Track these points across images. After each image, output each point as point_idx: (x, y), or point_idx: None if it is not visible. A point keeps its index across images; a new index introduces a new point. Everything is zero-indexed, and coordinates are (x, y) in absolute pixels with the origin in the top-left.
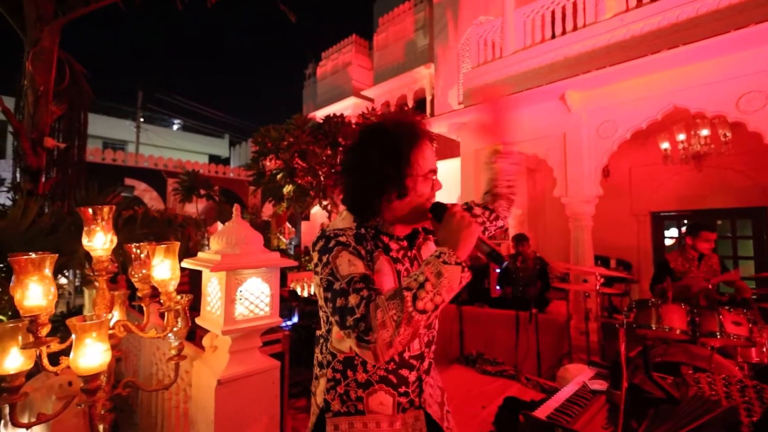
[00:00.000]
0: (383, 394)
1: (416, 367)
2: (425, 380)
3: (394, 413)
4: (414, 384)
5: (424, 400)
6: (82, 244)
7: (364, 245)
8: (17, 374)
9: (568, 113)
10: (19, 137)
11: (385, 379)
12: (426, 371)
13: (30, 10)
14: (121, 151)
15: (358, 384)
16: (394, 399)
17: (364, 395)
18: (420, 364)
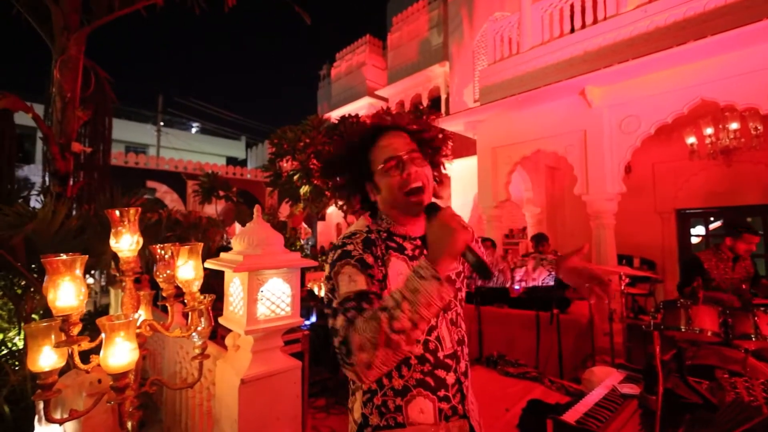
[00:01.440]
0: (422, 399)
1: (452, 367)
2: (465, 384)
3: (437, 422)
4: (454, 387)
5: (469, 409)
6: (110, 245)
7: (374, 248)
8: (51, 371)
9: (588, 109)
10: (48, 142)
11: (423, 382)
12: (464, 374)
13: (57, 19)
14: (143, 154)
15: (395, 392)
16: (434, 405)
17: (402, 404)
18: (456, 364)
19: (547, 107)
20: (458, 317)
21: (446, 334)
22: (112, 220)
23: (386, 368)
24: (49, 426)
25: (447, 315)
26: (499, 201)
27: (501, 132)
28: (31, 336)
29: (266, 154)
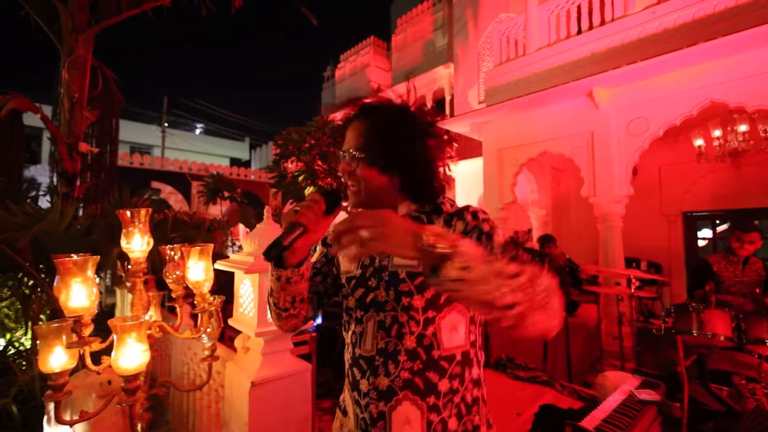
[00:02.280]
0: (347, 389)
1: (366, 373)
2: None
3: (354, 421)
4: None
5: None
6: (121, 245)
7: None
8: (62, 372)
9: (595, 110)
10: (56, 143)
11: (348, 372)
12: (382, 395)
13: (66, 20)
14: (148, 155)
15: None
16: (353, 401)
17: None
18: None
19: (554, 109)
20: (396, 326)
21: (370, 333)
22: (123, 220)
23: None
24: (59, 427)
25: (378, 315)
26: (505, 203)
27: (507, 133)
28: (42, 337)
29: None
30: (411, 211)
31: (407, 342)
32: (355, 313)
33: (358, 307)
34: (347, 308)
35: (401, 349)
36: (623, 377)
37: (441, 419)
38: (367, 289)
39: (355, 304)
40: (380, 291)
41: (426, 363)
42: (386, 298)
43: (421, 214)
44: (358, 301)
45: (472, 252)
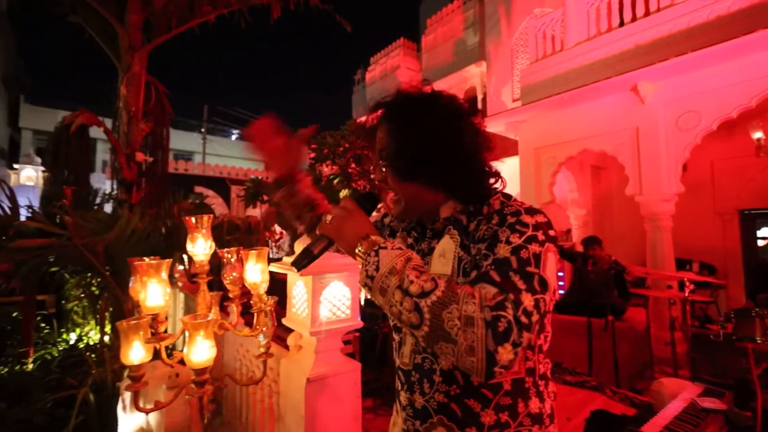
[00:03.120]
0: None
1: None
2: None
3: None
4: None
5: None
6: (177, 248)
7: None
8: (140, 365)
9: (641, 105)
10: (116, 153)
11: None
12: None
13: (123, 39)
14: (190, 161)
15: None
16: (400, 406)
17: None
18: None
19: (595, 105)
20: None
21: (408, 344)
22: (189, 226)
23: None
24: (134, 414)
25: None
26: (543, 203)
27: (544, 132)
28: (123, 332)
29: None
30: (455, 212)
31: (443, 362)
32: (392, 320)
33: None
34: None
35: (436, 369)
36: (681, 384)
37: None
38: None
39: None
40: None
41: (464, 389)
42: None
43: (462, 215)
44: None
45: (385, 262)
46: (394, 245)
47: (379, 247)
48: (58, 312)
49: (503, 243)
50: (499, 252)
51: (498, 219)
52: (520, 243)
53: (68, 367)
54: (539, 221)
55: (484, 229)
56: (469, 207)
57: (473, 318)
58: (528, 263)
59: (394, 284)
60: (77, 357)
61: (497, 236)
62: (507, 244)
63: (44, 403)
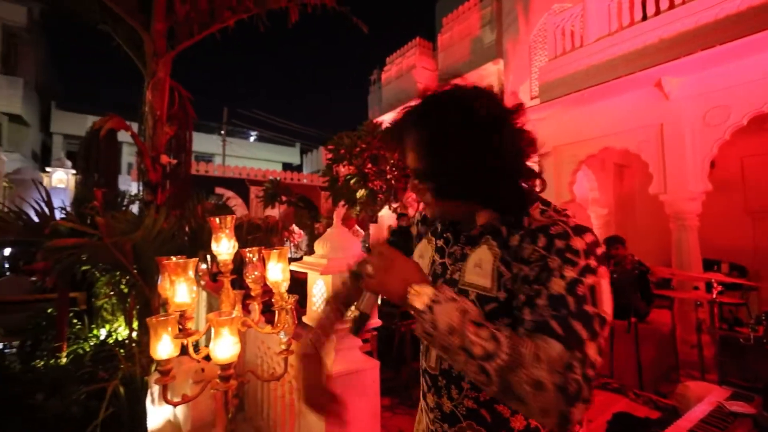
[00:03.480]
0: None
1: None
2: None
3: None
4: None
5: None
6: (196, 247)
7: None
8: (168, 359)
9: (665, 101)
10: (142, 156)
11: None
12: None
13: (148, 46)
14: (211, 163)
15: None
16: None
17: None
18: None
19: (617, 101)
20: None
21: (434, 351)
22: (213, 227)
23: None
24: (162, 407)
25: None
26: (563, 202)
27: (563, 130)
28: (152, 328)
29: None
30: (492, 220)
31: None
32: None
33: None
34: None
35: (464, 377)
36: (708, 388)
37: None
38: None
39: None
40: None
41: (486, 398)
42: None
43: (502, 226)
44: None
45: (441, 321)
46: (446, 294)
47: (433, 301)
48: (88, 309)
49: (557, 277)
50: (553, 288)
51: (545, 241)
52: (575, 277)
53: (99, 361)
54: (588, 243)
55: (529, 250)
56: (508, 217)
57: (544, 383)
58: (585, 301)
59: (456, 344)
60: (107, 352)
61: (547, 266)
62: (561, 279)
63: (78, 396)
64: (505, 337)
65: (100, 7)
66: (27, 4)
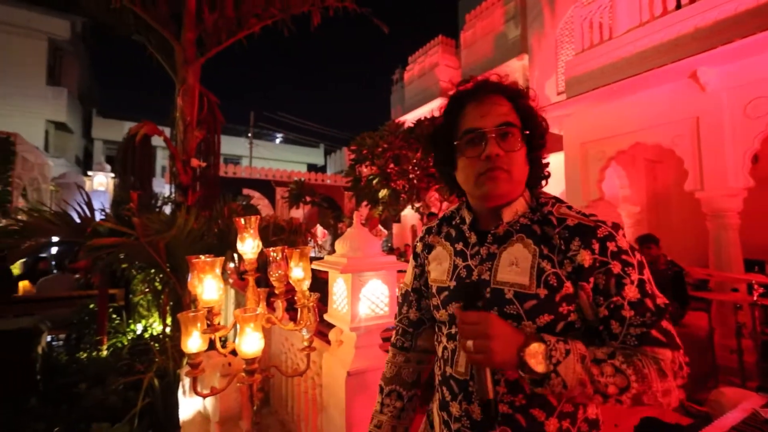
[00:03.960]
0: (435, 405)
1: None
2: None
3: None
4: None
5: None
6: (229, 247)
7: (431, 236)
8: (198, 353)
9: (701, 93)
10: (174, 160)
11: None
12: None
13: (179, 54)
14: (238, 165)
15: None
16: (440, 420)
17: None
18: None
19: (648, 95)
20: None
21: (463, 356)
22: (238, 227)
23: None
24: (193, 398)
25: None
26: (591, 200)
27: (591, 125)
28: (183, 323)
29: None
30: (519, 217)
31: (509, 372)
32: (446, 328)
33: (451, 323)
34: (438, 320)
35: (500, 380)
36: (744, 394)
37: None
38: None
39: (448, 318)
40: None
41: (530, 398)
42: None
43: (533, 224)
44: (452, 316)
45: (570, 378)
46: (555, 345)
47: (552, 362)
48: (126, 305)
49: (629, 284)
50: (629, 295)
51: (599, 246)
52: (641, 278)
53: (136, 354)
54: (624, 235)
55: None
56: (533, 215)
57: (671, 390)
58: (656, 296)
59: (590, 393)
60: (143, 345)
61: (612, 273)
62: (632, 284)
63: (117, 386)
64: (626, 365)
65: (135, 18)
66: (70, 18)
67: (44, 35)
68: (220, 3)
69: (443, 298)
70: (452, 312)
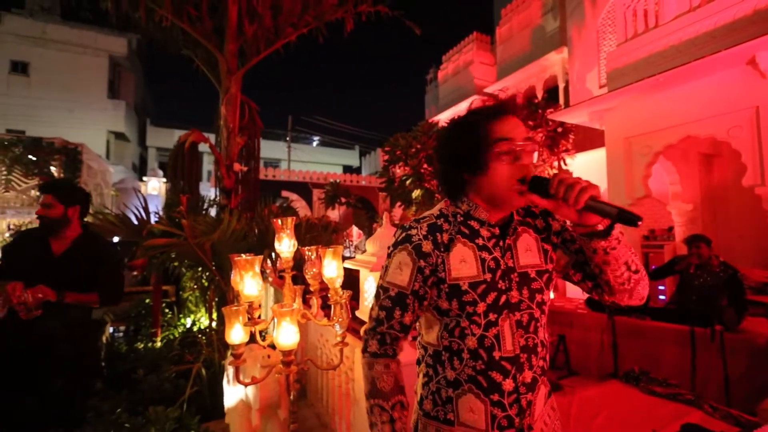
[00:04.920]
0: (473, 398)
1: (511, 373)
2: (528, 397)
3: (488, 428)
4: (511, 396)
5: (532, 427)
6: (268, 247)
7: (441, 234)
8: (240, 345)
9: (761, 80)
10: (218, 165)
11: (474, 379)
12: (529, 386)
13: (222, 66)
14: (278, 168)
15: (447, 382)
16: (486, 407)
17: (453, 396)
18: (517, 372)
19: (700, 84)
20: (533, 322)
21: (508, 334)
22: (276, 228)
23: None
24: (236, 387)
25: (513, 315)
26: (636, 198)
27: (636, 119)
28: (227, 316)
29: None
30: (518, 216)
31: (541, 334)
32: (485, 318)
33: (489, 311)
34: (471, 314)
35: (538, 342)
36: None
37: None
38: (499, 292)
39: (487, 308)
40: (513, 292)
41: (546, 347)
42: (520, 298)
43: (526, 218)
44: (491, 305)
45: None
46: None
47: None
48: (177, 300)
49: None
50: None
51: (542, 217)
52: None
53: (186, 346)
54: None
55: (557, 225)
56: (523, 210)
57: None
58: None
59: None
60: (192, 338)
61: (551, 224)
62: (558, 223)
63: (169, 374)
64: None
65: (183, 34)
66: (127, 36)
67: (105, 53)
68: (258, 15)
69: (481, 291)
70: (490, 301)
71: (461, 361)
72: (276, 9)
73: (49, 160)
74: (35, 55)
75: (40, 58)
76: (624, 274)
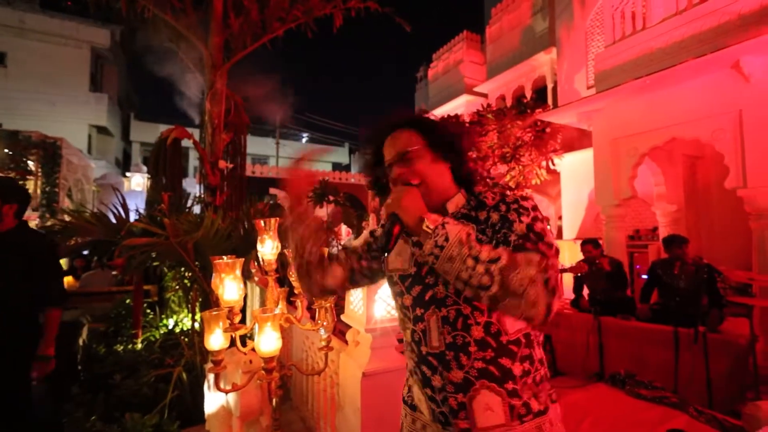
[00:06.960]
0: (417, 388)
1: (438, 370)
2: (458, 398)
3: (432, 419)
4: (440, 394)
5: (461, 427)
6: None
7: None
8: (220, 350)
9: (744, 84)
10: (202, 161)
11: (415, 371)
12: (459, 387)
13: (207, 60)
14: (266, 164)
15: (408, 369)
16: (426, 397)
17: (411, 384)
18: (442, 369)
19: (685, 87)
20: (461, 319)
21: (435, 330)
22: (258, 228)
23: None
24: (216, 393)
25: (440, 311)
26: (622, 198)
27: (623, 120)
28: (206, 321)
29: None
30: (460, 209)
31: (474, 333)
32: (413, 312)
33: (416, 305)
34: (403, 306)
35: (470, 341)
36: None
37: (523, 402)
38: (425, 286)
39: (413, 302)
40: (439, 287)
41: (497, 350)
42: (446, 293)
43: (470, 212)
44: (416, 299)
45: (453, 234)
46: (453, 220)
47: (444, 222)
48: (159, 300)
49: (517, 222)
50: (517, 229)
51: (504, 207)
52: (529, 222)
53: (167, 348)
54: (534, 203)
55: (495, 217)
56: (471, 202)
57: (535, 278)
58: (543, 235)
59: (466, 253)
60: (174, 340)
61: (509, 219)
62: (521, 223)
63: (149, 378)
64: (503, 250)
65: (166, 26)
66: (109, 27)
67: (87, 44)
68: (245, 8)
69: (408, 284)
70: (416, 295)
71: (408, 350)
72: (263, 2)
73: (26, 154)
74: (13, 46)
75: (19, 49)
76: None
